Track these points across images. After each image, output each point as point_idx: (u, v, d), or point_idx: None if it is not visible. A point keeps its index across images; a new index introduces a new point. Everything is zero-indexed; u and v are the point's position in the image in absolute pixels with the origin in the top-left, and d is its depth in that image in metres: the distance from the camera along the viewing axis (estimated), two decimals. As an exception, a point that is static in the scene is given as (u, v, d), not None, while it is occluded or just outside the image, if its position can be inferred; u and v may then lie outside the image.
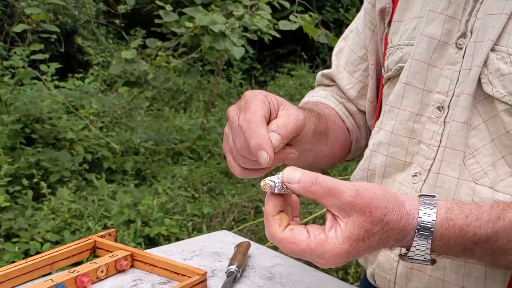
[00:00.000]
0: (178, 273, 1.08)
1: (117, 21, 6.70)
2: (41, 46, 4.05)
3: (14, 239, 3.19)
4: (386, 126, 1.03)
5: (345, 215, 0.74)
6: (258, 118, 0.82)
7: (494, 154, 0.89)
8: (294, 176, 0.76)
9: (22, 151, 4.24)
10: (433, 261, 0.80)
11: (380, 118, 1.06)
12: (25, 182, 3.84)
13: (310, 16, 3.36)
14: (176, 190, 4.07)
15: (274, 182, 0.77)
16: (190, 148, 5.15)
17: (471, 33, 0.92)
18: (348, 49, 1.20)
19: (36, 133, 4.53)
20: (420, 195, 0.80)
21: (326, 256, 0.74)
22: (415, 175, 0.96)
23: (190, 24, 3.19)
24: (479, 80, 0.89)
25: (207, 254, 1.21)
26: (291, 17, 3.26)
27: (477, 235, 0.78)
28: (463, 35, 0.93)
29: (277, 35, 3.50)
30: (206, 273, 1.06)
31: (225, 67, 7.33)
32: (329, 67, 1.27)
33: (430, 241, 0.77)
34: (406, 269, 0.96)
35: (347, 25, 1.27)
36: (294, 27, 3.22)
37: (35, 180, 3.88)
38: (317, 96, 1.21)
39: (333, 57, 1.24)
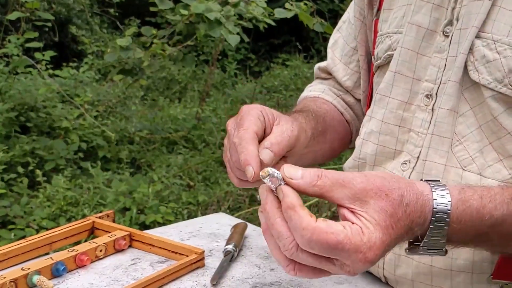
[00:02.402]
0: (176, 252, 1.09)
1: (112, 11, 6.68)
2: (36, 34, 4.04)
3: (10, 226, 3.20)
4: (376, 115, 1.03)
5: (361, 204, 0.69)
6: (249, 135, 0.84)
7: (481, 141, 0.89)
8: (296, 171, 0.71)
9: (17, 140, 4.24)
10: (445, 251, 0.77)
11: (371, 107, 1.06)
12: (20, 170, 3.85)
13: (306, 4, 3.37)
14: (171, 178, 4.08)
15: (275, 173, 0.72)
16: (185, 138, 5.15)
17: (457, 20, 0.93)
18: (342, 41, 1.22)
19: (31, 122, 4.52)
20: (425, 180, 0.76)
21: (364, 248, 0.67)
22: (405, 163, 0.97)
23: (185, 12, 3.20)
24: (466, 67, 0.89)
25: (204, 235, 1.23)
26: (287, 5, 3.26)
27: (493, 217, 0.75)
28: (450, 22, 0.94)
29: (272, 23, 3.51)
30: (203, 252, 1.07)
31: (219, 57, 7.32)
32: (323, 57, 1.29)
33: (446, 225, 0.73)
34: (394, 256, 0.96)
35: (342, 15, 1.29)
36: (289, 15, 3.23)
37: (30, 168, 3.89)
38: (315, 90, 1.23)
39: (328, 50, 1.25)
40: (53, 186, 3.65)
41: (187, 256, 1.06)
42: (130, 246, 1.15)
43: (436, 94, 0.94)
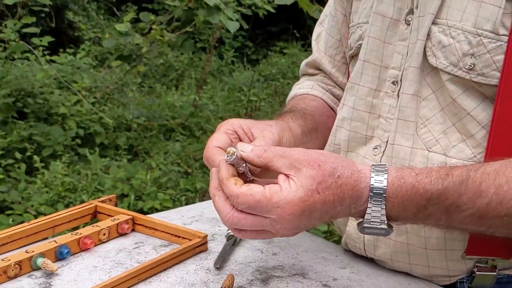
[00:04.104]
0: (179, 236, 1.09)
1: (108, -4, 6.62)
2: (33, 19, 4.01)
3: (8, 212, 3.19)
4: (348, 102, 1.07)
5: (296, 171, 0.78)
6: (212, 152, 0.89)
7: (444, 123, 0.94)
8: (248, 147, 0.83)
9: (14, 125, 4.22)
10: (389, 226, 0.82)
11: (344, 94, 1.11)
12: (18, 155, 3.84)
13: (305, -9, 3.35)
14: (169, 165, 4.08)
15: (236, 151, 0.83)
16: (182, 125, 5.15)
17: (417, 8, 0.97)
18: (325, 34, 1.24)
19: (28, 108, 4.50)
20: (372, 165, 0.83)
21: (281, 203, 0.76)
22: (376, 148, 1.01)
23: (184, -2, 3.18)
24: (425, 53, 0.94)
25: (206, 220, 1.23)
26: (286, -8, 3.25)
27: (428, 192, 0.80)
28: (411, 11, 0.98)
29: (272, 10, 3.49)
30: (206, 236, 1.08)
31: (217, 45, 7.29)
32: None
33: (384, 200, 0.79)
34: (372, 237, 1.01)
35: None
36: (289, 1, 3.21)
37: (27, 153, 3.88)
38: (304, 87, 1.25)
39: (313, 43, 1.28)
40: (51, 172, 3.64)
41: (190, 240, 1.07)
42: (133, 230, 1.15)
43: (401, 80, 0.98)
